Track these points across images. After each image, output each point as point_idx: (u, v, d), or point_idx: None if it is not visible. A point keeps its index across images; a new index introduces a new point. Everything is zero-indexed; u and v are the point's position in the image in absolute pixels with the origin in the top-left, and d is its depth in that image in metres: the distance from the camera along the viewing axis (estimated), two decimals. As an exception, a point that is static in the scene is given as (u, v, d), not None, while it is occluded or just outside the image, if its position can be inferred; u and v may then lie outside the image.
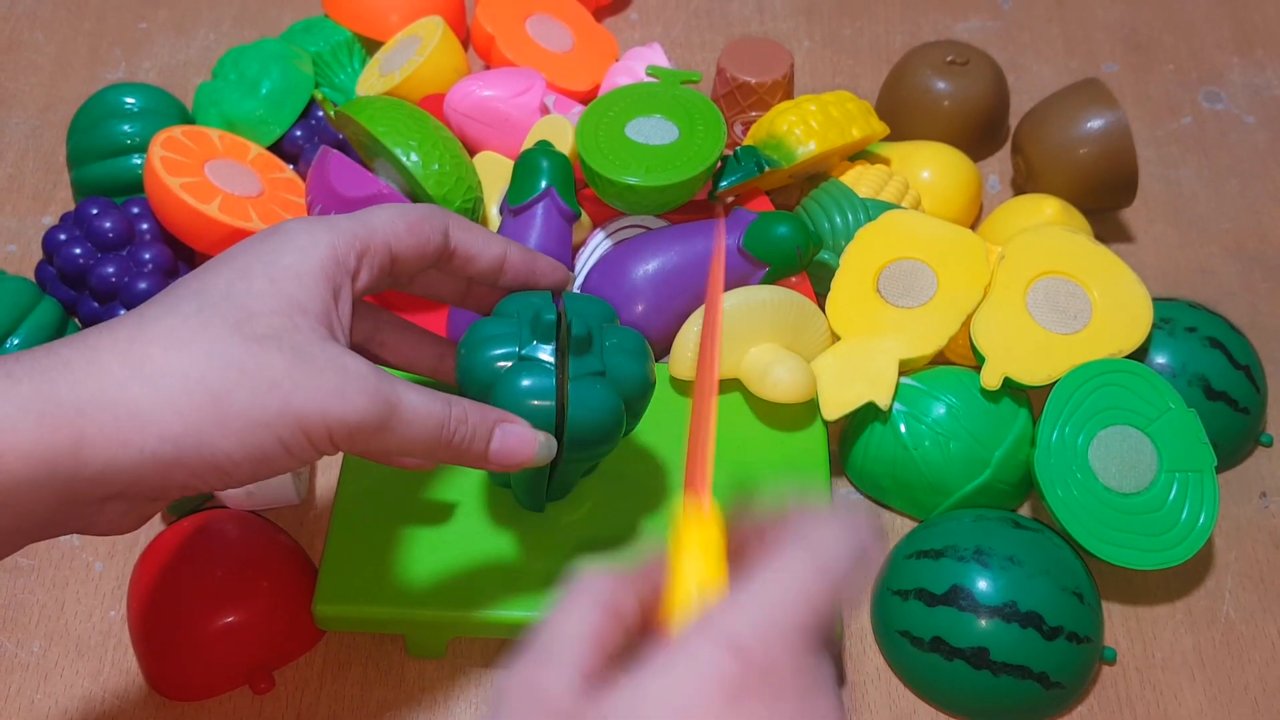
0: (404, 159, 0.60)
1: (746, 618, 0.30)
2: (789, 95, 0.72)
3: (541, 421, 0.44)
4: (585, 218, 0.63)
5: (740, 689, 0.29)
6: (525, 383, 0.44)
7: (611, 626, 0.31)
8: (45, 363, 0.35)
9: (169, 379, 0.35)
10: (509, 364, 0.44)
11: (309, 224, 0.41)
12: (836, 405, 0.56)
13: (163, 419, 0.35)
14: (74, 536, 0.58)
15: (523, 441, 0.43)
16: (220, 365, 0.35)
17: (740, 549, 0.33)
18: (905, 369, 0.58)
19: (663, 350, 0.59)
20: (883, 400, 0.56)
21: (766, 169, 0.63)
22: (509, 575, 0.52)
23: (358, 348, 0.47)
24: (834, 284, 0.61)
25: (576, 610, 0.31)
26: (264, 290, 0.38)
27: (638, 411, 0.47)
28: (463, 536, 0.53)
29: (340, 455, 0.56)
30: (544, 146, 0.62)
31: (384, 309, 0.49)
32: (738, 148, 0.64)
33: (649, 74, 0.65)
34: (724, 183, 0.63)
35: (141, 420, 0.34)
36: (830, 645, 0.32)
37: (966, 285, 0.59)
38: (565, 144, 0.63)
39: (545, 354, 0.45)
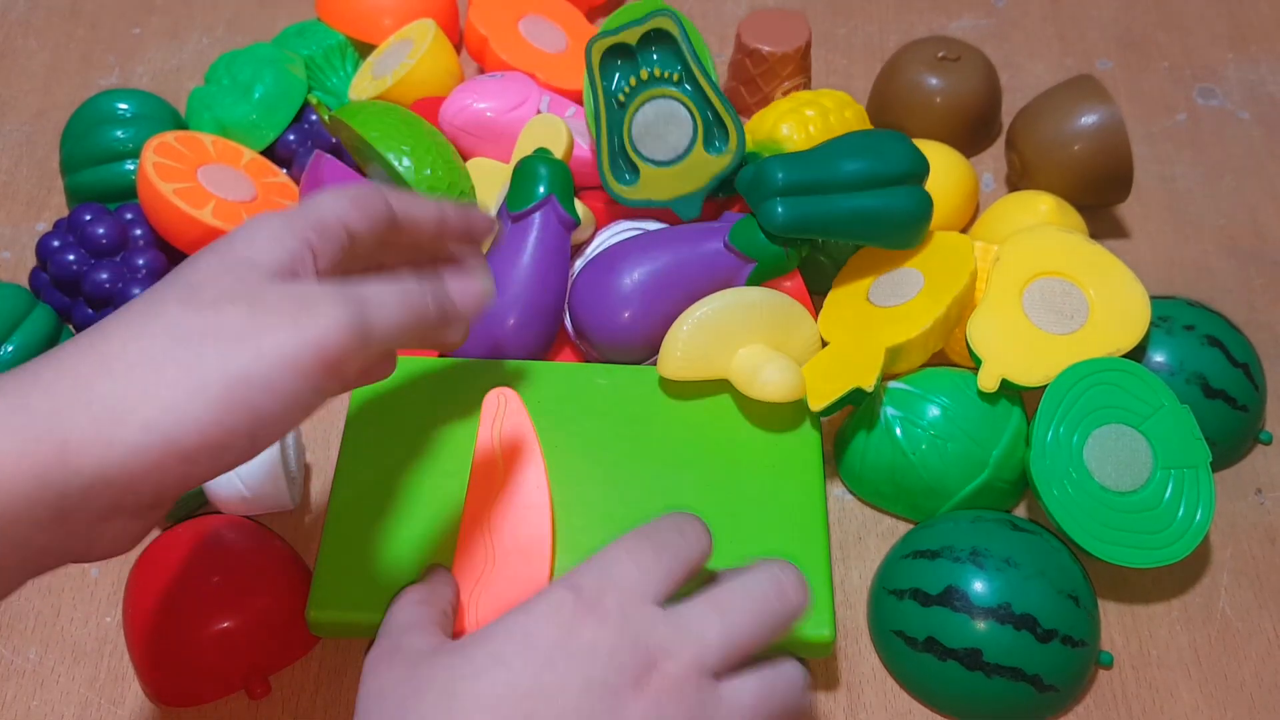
0: (396, 164, 0.60)
1: (586, 571, 0.39)
2: (800, 69, 0.72)
3: None
4: (585, 216, 0.63)
5: (572, 615, 0.38)
6: None
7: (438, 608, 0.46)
8: (13, 379, 0.34)
9: (135, 367, 0.34)
10: None
11: (258, 215, 0.40)
12: (821, 395, 0.55)
13: (139, 408, 0.33)
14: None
15: (471, 282, 0.44)
16: (179, 338, 0.34)
17: None
18: (899, 369, 0.58)
19: (653, 352, 0.59)
20: (866, 383, 0.55)
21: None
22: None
23: None
24: (828, 300, 0.61)
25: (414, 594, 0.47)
26: (210, 263, 0.37)
27: None
28: (456, 542, 0.53)
29: (335, 460, 0.56)
30: (543, 154, 0.62)
31: None
32: None
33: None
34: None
35: (119, 413, 0.33)
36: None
37: (952, 273, 0.59)
38: (559, 143, 0.63)
39: None
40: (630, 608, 0.38)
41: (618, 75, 0.62)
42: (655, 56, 0.61)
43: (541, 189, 0.61)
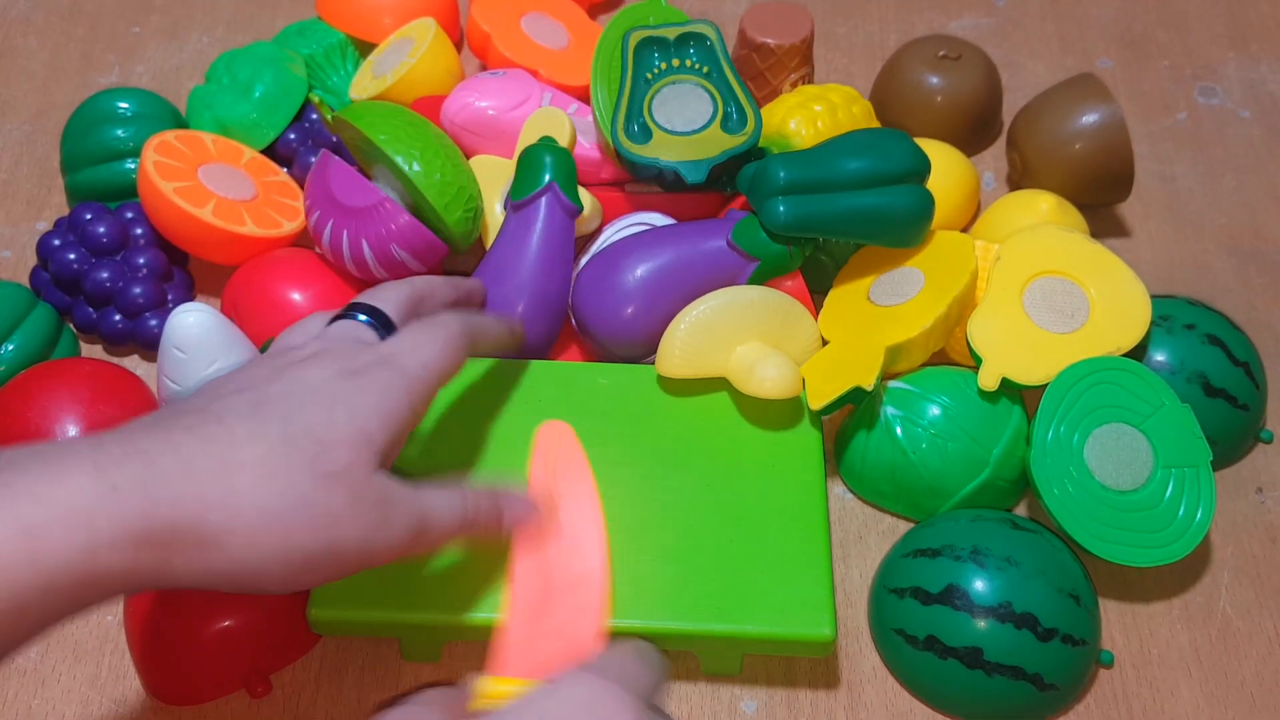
0: (406, 168, 0.59)
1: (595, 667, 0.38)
2: (805, 60, 0.72)
3: None
4: (591, 205, 0.62)
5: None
6: None
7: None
8: (145, 474, 0.37)
9: (251, 511, 0.38)
10: None
11: (389, 368, 0.44)
12: (821, 394, 0.55)
13: (236, 546, 0.38)
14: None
15: (526, 510, 0.48)
16: (293, 503, 0.39)
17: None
18: (899, 368, 0.58)
19: (656, 349, 0.59)
20: (867, 382, 0.55)
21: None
22: (503, 580, 0.52)
23: None
24: (829, 299, 0.61)
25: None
26: (340, 420, 0.41)
27: None
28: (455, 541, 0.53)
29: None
30: (547, 142, 0.62)
31: None
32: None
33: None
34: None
35: (218, 546, 0.38)
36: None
37: (952, 272, 0.59)
38: (562, 135, 0.63)
39: None
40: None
41: (651, 58, 0.65)
42: (692, 52, 0.65)
43: (545, 176, 0.61)
